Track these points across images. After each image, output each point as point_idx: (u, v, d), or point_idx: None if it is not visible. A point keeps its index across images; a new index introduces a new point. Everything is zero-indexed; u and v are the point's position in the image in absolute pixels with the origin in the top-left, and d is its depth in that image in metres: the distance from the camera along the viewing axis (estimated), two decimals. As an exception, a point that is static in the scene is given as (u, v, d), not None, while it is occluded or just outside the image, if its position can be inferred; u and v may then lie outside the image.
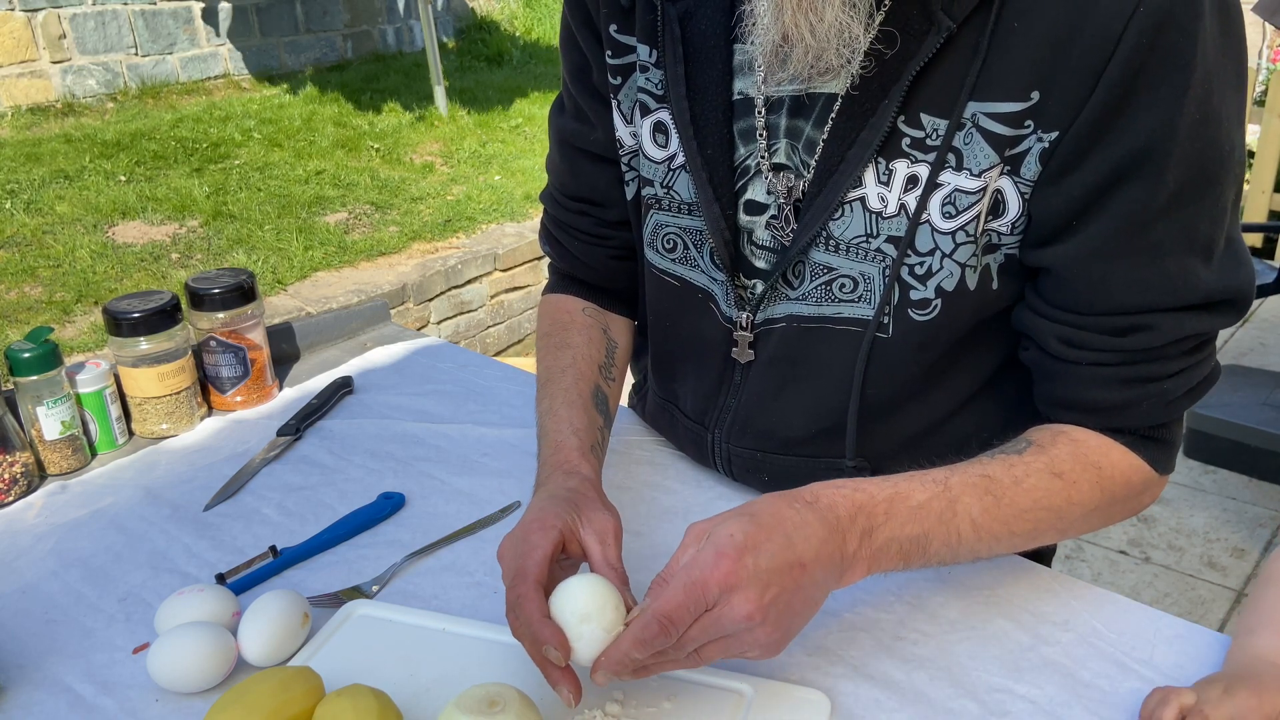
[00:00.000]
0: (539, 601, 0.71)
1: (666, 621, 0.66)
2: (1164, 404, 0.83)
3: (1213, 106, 0.74)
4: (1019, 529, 0.81)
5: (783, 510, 0.71)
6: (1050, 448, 0.83)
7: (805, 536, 0.70)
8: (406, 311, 3.96)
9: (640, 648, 0.67)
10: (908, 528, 0.75)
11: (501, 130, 5.90)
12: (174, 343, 1.20)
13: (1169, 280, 0.78)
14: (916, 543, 0.76)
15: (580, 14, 0.96)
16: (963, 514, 0.78)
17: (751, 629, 0.68)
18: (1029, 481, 0.80)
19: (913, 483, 0.78)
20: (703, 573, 0.67)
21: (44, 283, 3.70)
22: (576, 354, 1.01)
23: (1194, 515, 2.89)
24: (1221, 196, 0.78)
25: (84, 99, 5.41)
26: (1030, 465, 0.81)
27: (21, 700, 0.81)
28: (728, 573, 0.67)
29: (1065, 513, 0.82)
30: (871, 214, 0.83)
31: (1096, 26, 0.71)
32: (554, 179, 1.08)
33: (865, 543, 0.74)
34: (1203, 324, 0.81)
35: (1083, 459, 0.83)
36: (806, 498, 0.73)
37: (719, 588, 0.67)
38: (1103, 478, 0.83)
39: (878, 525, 0.74)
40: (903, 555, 0.76)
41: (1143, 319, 0.80)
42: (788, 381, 0.93)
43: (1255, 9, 3.07)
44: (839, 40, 0.76)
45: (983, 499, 0.78)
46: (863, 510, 0.74)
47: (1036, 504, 0.80)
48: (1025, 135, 0.77)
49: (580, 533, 0.78)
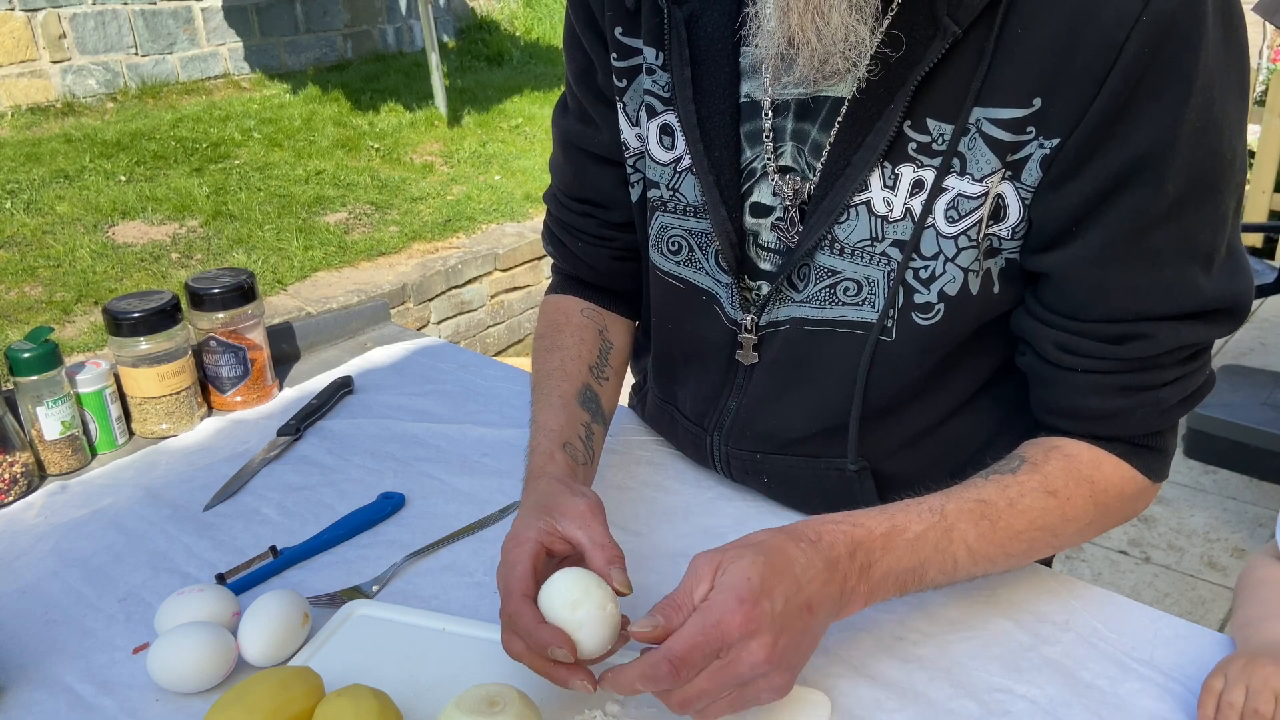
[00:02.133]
0: (530, 611, 0.71)
1: (679, 663, 0.66)
2: (1158, 412, 0.84)
3: (1214, 115, 0.74)
4: (1014, 550, 0.82)
5: (790, 550, 0.71)
6: (1044, 465, 0.83)
7: (811, 579, 0.71)
8: (406, 311, 3.96)
9: (647, 683, 0.67)
10: (905, 560, 0.77)
11: (501, 130, 5.90)
12: (174, 343, 1.20)
13: (1167, 288, 0.78)
14: (913, 573, 0.77)
15: (584, 15, 0.95)
16: (959, 541, 0.79)
17: (767, 674, 0.68)
18: (1024, 503, 0.81)
19: (909, 514, 0.78)
20: (721, 616, 0.67)
21: (44, 283, 3.70)
22: (565, 355, 1.01)
23: (1194, 515, 2.89)
24: (1222, 205, 0.78)
25: (84, 99, 5.41)
26: (1024, 485, 0.82)
27: (21, 700, 0.81)
28: (747, 617, 0.66)
29: (1060, 530, 0.83)
30: (877, 218, 0.83)
31: (1099, 34, 0.71)
32: (557, 180, 1.08)
33: (863, 578, 0.74)
34: (1199, 334, 0.81)
35: (1076, 474, 0.83)
36: (810, 536, 0.73)
37: (739, 632, 0.66)
38: (1096, 492, 0.84)
39: (875, 560, 0.75)
40: (899, 585, 0.77)
41: (1139, 327, 0.80)
42: (790, 384, 0.93)
43: (1255, 9, 3.07)
44: (845, 44, 0.76)
45: (979, 524, 0.79)
46: (861, 546, 0.75)
47: (1032, 524, 0.81)
48: (1027, 141, 0.77)
49: (559, 529, 0.77)
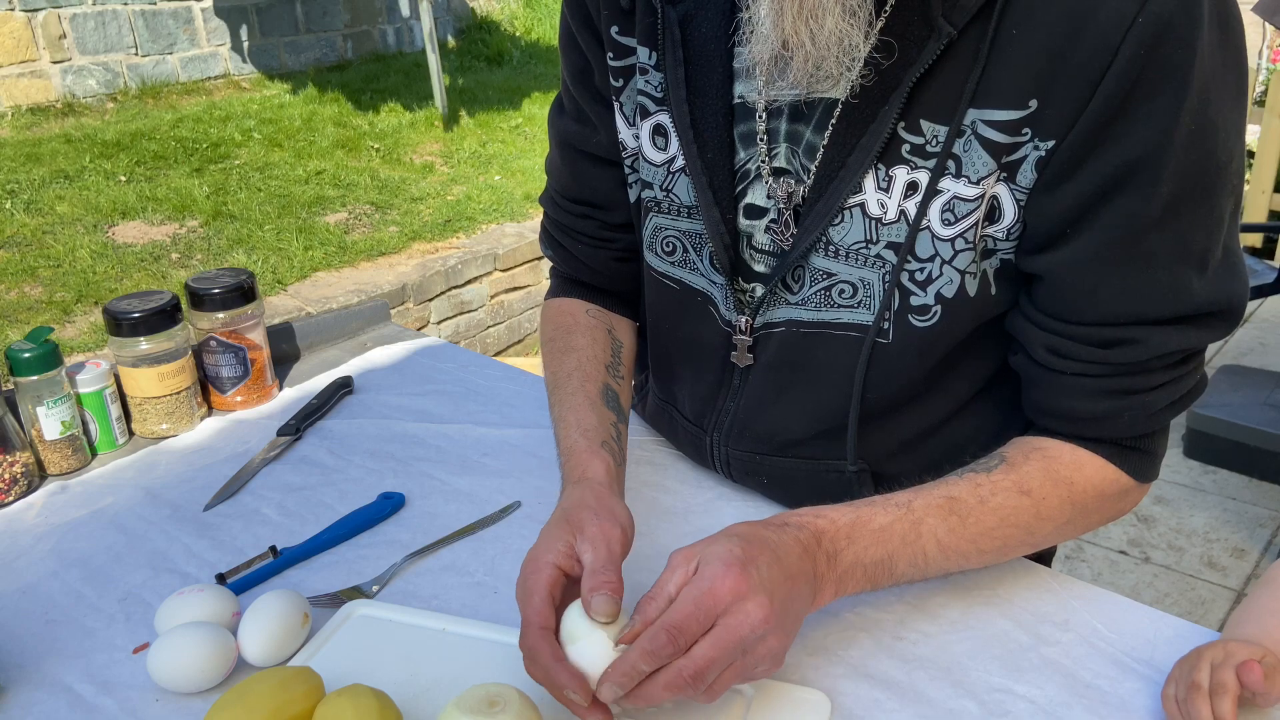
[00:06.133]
0: (548, 648, 0.70)
1: (675, 631, 0.66)
2: (1146, 416, 0.84)
3: (1210, 118, 0.74)
4: (987, 546, 0.82)
5: (761, 532, 0.73)
6: (1021, 465, 0.84)
7: (787, 552, 0.72)
8: (406, 311, 3.96)
9: (648, 659, 0.67)
10: (871, 551, 0.77)
11: (501, 130, 5.90)
12: (174, 343, 1.20)
13: (1159, 291, 0.78)
14: (881, 565, 0.78)
15: (580, 15, 0.95)
16: (928, 535, 0.79)
17: (764, 636, 0.68)
18: (995, 500, 0.82)
19: (874, 507, 0.80)
20: (711, 584, 0.67)
21: (44, 283, 3.70)
22: (582, 356, 1.00)
23: (1194, 515, 2.89)
24: (1217, 207, 0.78)
25: (84, 99, 5.41)
26: (998, 484, 0.82)
27: (21, 700, 0.81)
28: (737, 580, 0.67)
29: (1035, 528, 0.84)
30: (871, 220, 0.83)
31: (1095, 36, 0.71)
32: (554, 182, 1.08)
33: (831, 566, 0.76)
34: (1190, 339, 0.81)
35: (1053, 475, 0.84)
36: (776, 522, 0.75)
37: (731, 596, 0.67)
38: (1074, 493, 0.84)
39: (840, 550, 0.76)
40: (868, 578, 0.78)
41: (1129, 331, 0.80)
42: (787, 385, 0.93)
43: (1255, 9, 3.07)
44: (839, 48, 0.76)
45: (947, 519, 0.80)
46: (825, 535, 0.76)
47: (1004, 522, 0.82)
48: (1022, 143, 0.77)
49: (576, 549, 0.76)
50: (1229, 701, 0.70)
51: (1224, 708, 0.70)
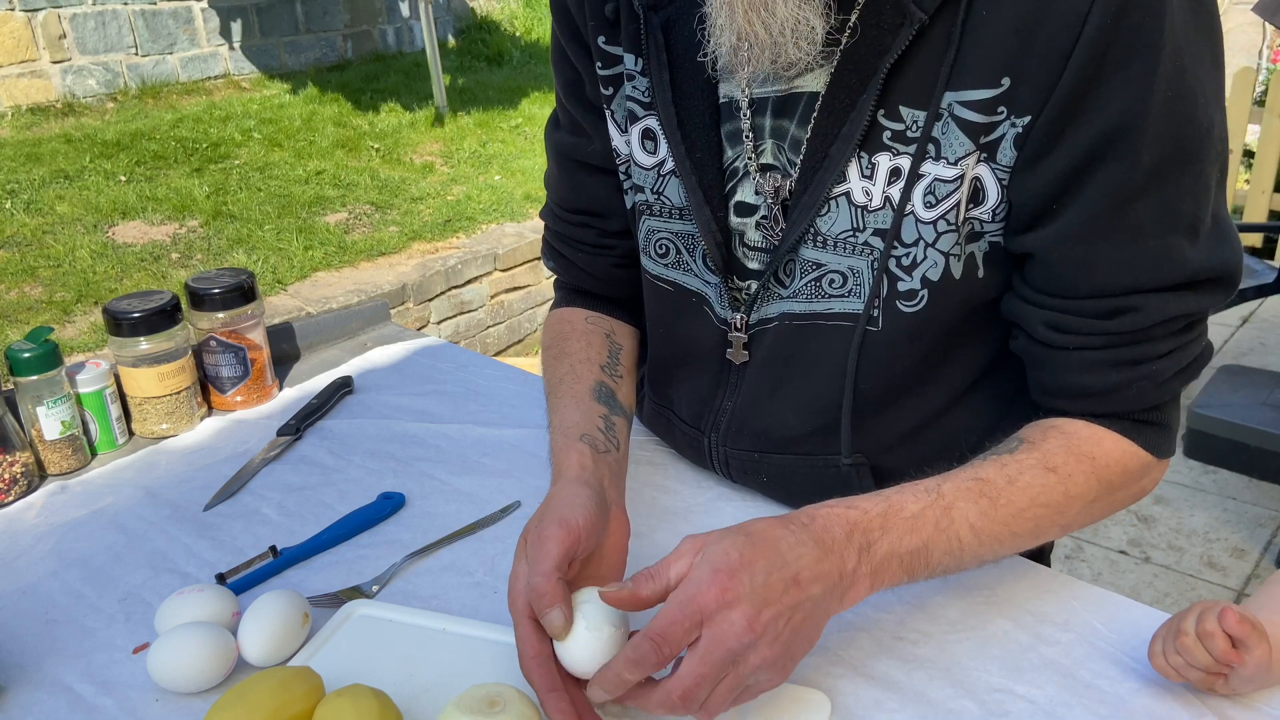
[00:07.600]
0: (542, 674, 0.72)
1: (659, 639, 0.66)
2: (1155, 385, 0.83)
3: (1186, 84, 0.74)
4: (1020, 528, 0.80)
5: (777, 531, 0.71)
6: (1041, 443, 0.83)
7: (799, 555, 0.70)
8: (406, 311, 3.96)
9: (633, 668, 0.67)
10: (906, 540, 0.75)
11: (501, 130, 5.90)
12: (174, 343, 1.20)
13: (1152, 260, 0.78)
14: (917, 554, 0.76)
15: (569, 29, 0.96)
16: (960, 519, 0.77)
17: (752, 645, 0.67)
18: (1023, 480, 0.80)
19: (904, 494, 0.78)
20: (697, 589, 0.67)
21: (44, 283, 3.70)
22: (574, 360, 1.01)
23: (1194, 515, 2.89)
24: (1203, 174, 0.78)
25: (84, 99, 5.41)
26: (1023, 463, 0.81)
27: (21, 700, 0.81)
28: (723, 588, 0.66)
29: (1064, 507, 0.82)
30: (857, 208, 0.83)
31: (1062, 9, 0.72)
32: (553, 195, 1.09)
33: (864, 559, 0.73)
34: (1190, 304, 0.80)
35: (1075, 451, 0.83)
36: (802, 519, 0.73)
37: (716, 603, 0.66)
38: (1097, 467, 0.83)
39: (875, 540, 0.74)
40: (905, 569, 0.76)
41: (1128, 300, 0.80)
42: (782, 380, 0.93)
43: (1255, 9, 3.07)
44: (795, 34, 0.76)
45: (978, 502, 0.78)
46: (858, 526, 0.74)
47: (1034, 501, 0.80)
48: (999, 121, 0.77)
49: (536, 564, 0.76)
50: (1219, 641, 0.70)
51: (1216, 649, 0.70)
